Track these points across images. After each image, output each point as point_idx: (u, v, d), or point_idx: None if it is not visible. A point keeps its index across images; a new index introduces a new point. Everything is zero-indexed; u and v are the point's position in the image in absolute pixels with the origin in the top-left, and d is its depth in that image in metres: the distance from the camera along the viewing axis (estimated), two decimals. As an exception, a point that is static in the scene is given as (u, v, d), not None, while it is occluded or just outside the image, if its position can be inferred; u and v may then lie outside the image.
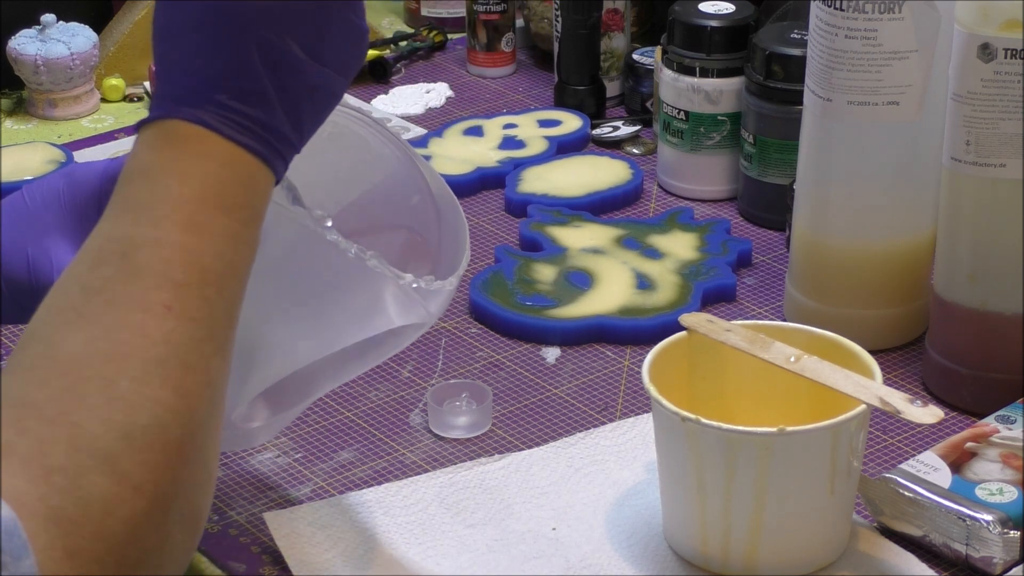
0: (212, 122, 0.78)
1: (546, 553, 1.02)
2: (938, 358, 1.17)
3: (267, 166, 0.79)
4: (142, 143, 0.78)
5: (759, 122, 1.39)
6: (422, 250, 1.02)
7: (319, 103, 0.82)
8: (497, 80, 1.72)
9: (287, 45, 0.79)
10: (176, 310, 0.73)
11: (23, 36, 1.63)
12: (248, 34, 0.78)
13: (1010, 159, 1.09)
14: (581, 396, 1.19)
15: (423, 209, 1.02)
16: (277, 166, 0.80)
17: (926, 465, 1.02)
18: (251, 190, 0.78)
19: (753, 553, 0.98)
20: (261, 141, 0.79)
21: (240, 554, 1.03)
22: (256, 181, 0.79)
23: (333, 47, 0.82)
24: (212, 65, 0.78)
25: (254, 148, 0.78)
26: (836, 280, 1.23)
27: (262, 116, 0.79)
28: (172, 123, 0.78)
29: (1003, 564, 0.99)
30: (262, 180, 0.79)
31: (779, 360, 1.01)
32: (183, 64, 0.79)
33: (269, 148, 0.79)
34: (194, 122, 0.77)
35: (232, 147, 0.78)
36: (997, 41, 1.07)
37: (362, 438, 1.14)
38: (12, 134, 1.62)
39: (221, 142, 0.78)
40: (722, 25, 1.43)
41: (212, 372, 0.74)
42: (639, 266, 1.32)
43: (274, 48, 0.79)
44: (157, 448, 0.70)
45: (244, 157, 0.78)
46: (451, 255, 1.00)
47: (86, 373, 0.71)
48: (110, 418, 0.70)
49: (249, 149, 0.78)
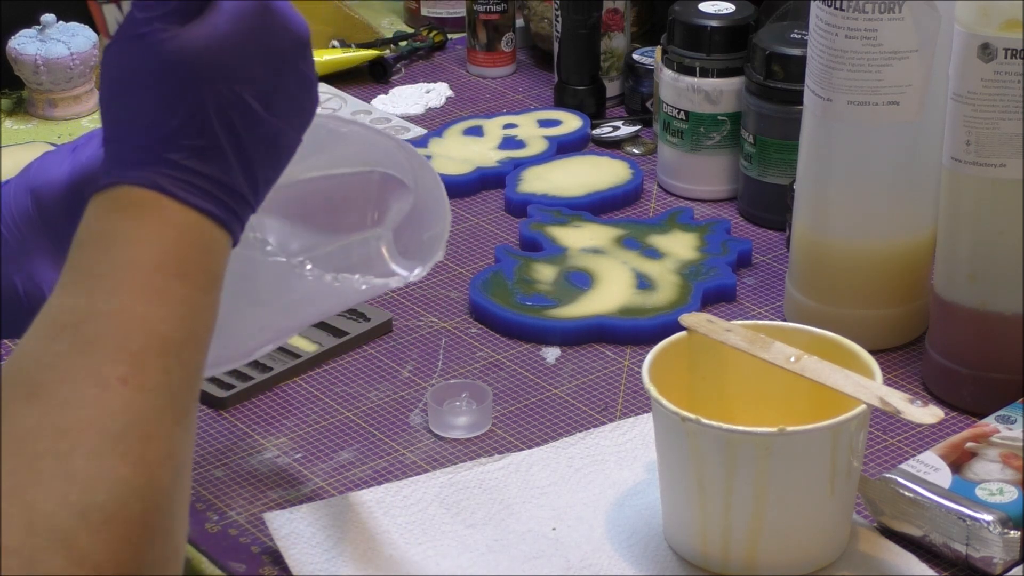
0: (168, 186, 0.75)
1: (546, 553, 1.02)
2: (938, 358, 1.17)
3: (225, 229, 0.77)
4: (95, 209, 0.76)
5: (759, 122, 1.39)
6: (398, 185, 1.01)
7: (274, 158, 0.80)
8: (497, 80, 1.72)
9: (243, 100, 0.77)
10: (132, 382, 0.71)
11: (23, 36, 1.63)
12: (204, 88, 0.76)
13: (1010, 159, 1.09)
14: (581, 396, 1.19)
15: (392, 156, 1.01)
16: (235, 228, 0.78)
17: (926, 465, 1.02)
18: (209, 255, 0.76)
19: (753, 553, 0.98)
20: (218, 204, 0.77)
21: (240, 554, 1.03)
22: (214, 245, 0.77)
23: (287, 98, 0.80)
24: (167, 123, 0.76)
25: (211, 212, 0.76)
26: (836, 280, 1.23)
27: (219, 175, 0.77)
28: (125, 189, 0.75)
29: (1003, 564, 0.99)
30: (220, 244, 0.77)
31: (779, 360, 1.01)
32: (135, 123, 0.76)
33: (226, 210, 0.77)
34: (149, 187, 0.75)
35: (189, 212, 0.76)
36: (997, 41, 1.07)
37: (362, 438, 1.14)
38: (12, 134, 1.62)
39: (177, 207, 0.75)
40: (722, 25, 1.43)
41: (174, 442, 0.72)
42: (639, 266, 1.32)
43: (229, 102, 0.77)
44: (116, 525, 0.68)
45: (201, 222, 0.76)
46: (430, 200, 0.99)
47: (39, 449, 0.68)
48: (65, 497, 0.67)
49: (207, 213, 0.76)
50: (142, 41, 0.76)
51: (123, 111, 0.77)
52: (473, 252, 1.38)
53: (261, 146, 0.79)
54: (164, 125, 0.76)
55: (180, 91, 0.76)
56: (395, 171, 1.01)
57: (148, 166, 0.75)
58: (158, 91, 0.76)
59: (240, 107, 0.77)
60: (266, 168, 0.80)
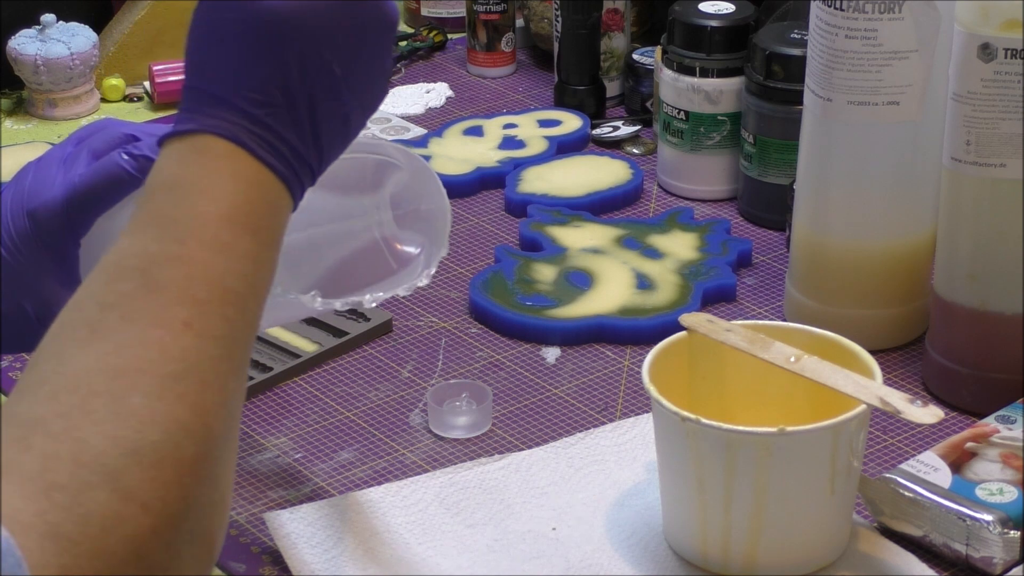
0: (246, 140, 0.76)
1: (546, 553, 1.02)
2: (938, 358, 1.17)
3: (288, 191, 0.78)
4: (169, 156, 0.76)
5: (759, 122, 1.39)
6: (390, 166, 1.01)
7: (342, 135, 0.81)
8: (497, 80, 1.72)
9: (327, 65, 0.78)
10: (196, 327, 0.72)
11: (23, 36, 1.63)
12: (291, 48, 0.77)
13: (1010, 159, 1.09)
14: (581, 396, 1.19)
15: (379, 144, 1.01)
16: (296, 192, 0.79)
17: (926, 465, 1.02)
18: (274, 213, 0.77)
19: (753, 553, 0.98)
20: (288, 166, 0.77)
21: (240, 554, 1.03)
22: (280, 204, 0.78)
23: (365, 78, 0.80)
24: (252, 77, 0.77)
25: (281, 172, 0.77)
26: (836, 280, 1.23)
27: (293, 139, 0.77)
28: (203, 138, 0.76)
29: (1003, 564, 0.99)
30: (284, 204, 0.78)
31: (779, 360, 1.01)
32: (220, 73, 0.77)
33: (293, 174, 0.78)
34: (228, 137, 0.76)
35: (261, 168, 0.76)
36: (997, 41, 1.07)
37: (362, 438, 1.14)
38: (12, 134, 1.62)
39: (251, 162, 0.76)
40: (722, 25, 1.43)
41: (229, 392, 0.72)
42: (639, 266, 1.32)
43: (315, 66, 0.78)
44: (168, 466, 0.68)
45: (272, 180, 0.77)
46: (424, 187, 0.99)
47: (96, 388, 0.69)
48: (117, 434, 0.68)
49: (277, 173, 0.77)
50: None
51: (209, 63, 0.78)
52: (473, 252, 1.38)
53: (335, 120, 0.80)
54: (250, 78, 0.77)
55: (268, 48, 0.77)
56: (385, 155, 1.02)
57: (228, 117, 0.76)
58: (246, 45, 0.77)
59: (323, 74, 0.78)
60: (333, 143, 0.80)
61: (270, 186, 0.77)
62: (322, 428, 1.15)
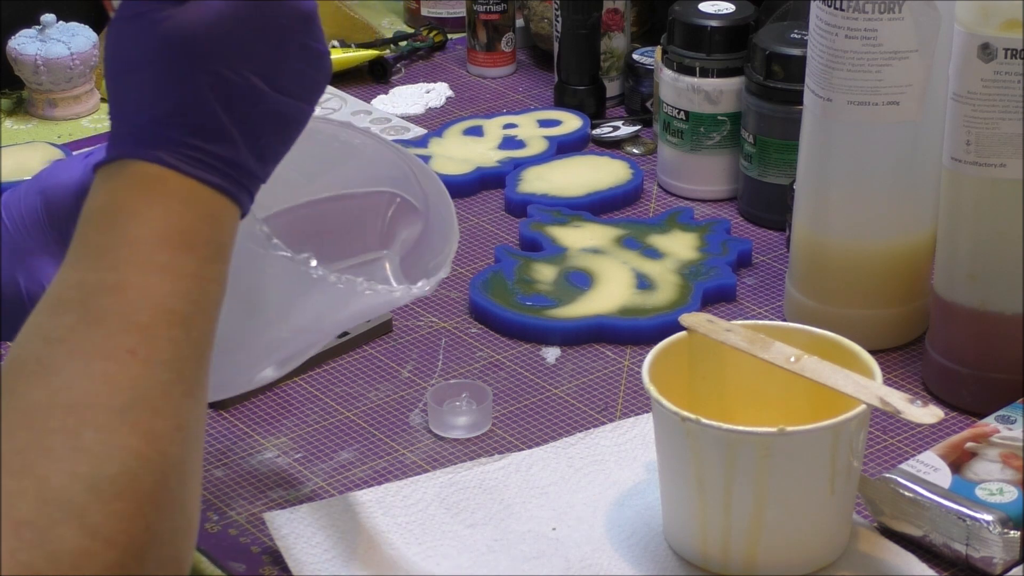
0: (170, 160, 0.76)
1: (546, 553, 1.02)
2: (938, 358, 1.17)
3: (232, 200, 0.77)
4: (100, 185, 0.76)
5: (759, 122, 1.39)
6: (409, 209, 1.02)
7: (282, 132, 0.80)
8: (497, 80, 1.72)
9: (243, 77, 0.78)
10: (141, 354, 0.71)
11: (23, 36, 1.63)
12: (201, 69, 0.76)
13: (1010, 159, 1.09)
14: (581, 396, 1.19)
15: (405, 178, 1.02)
16: (242, 199, 0.78)
17: (926, 465, 1.02)
18: (215, 226, 0.76)
19: (753, 553, 0.98)
20: (223, 176, 0.77)
21: (240, 554, 1.03)
22: (220, 217, 0.77)
23: (292, 74, 0.80)
24: (165, 102, 0.76)
25: (216, 183, 0.77)
26: (836, 280, 1.23)
27: (221, 150, 0.77)
28: (129, 163, 0.76)
29: (1003, 564, 0.99)
30: (227, 215, 0.77)
31: (779, 360, 1.01)
32: (137, 101, 0.77)
33: (232, 182, 0.77)
34: (152, 161, 0.76)
35: (193, 184, 0.76)
36: (997, 41, 1.07)
37: (362, 438, 1.14)
38: (12, 134, 1.62)
39: (181, 179, 0.76)
40: (722, 25, 1.43)
41: (183, 415, 0.72)
42: (639, 266, 1.32)
43: (229, 82, 0.77)
44: (127, 498, 0.68)
45: (206, 193, 0.76)
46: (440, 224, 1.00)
47: (49, 425, 0.69)
48: (76, 470, 0.68)
49: (211, 185, 0.76)
50: (139, 21, 0.77)
51: (123, 90, 0.78)
52: (473, 252, 1.38)
53: (267, 121, 0.79)
54: (162, 104, 0.76)
55: (176, 71, 0.76)
56: (407, 193, 1.02)
57: (151, 143, 0.76)
58: (155, 71, 0.76)
59: (240, 85, 0.78)
60: (274, 141, 0.80)
61: (207, 200, 0.76)
62: (322, 428, 1.15)
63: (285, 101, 0.80)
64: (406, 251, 1.02)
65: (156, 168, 0.76)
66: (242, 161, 0.78)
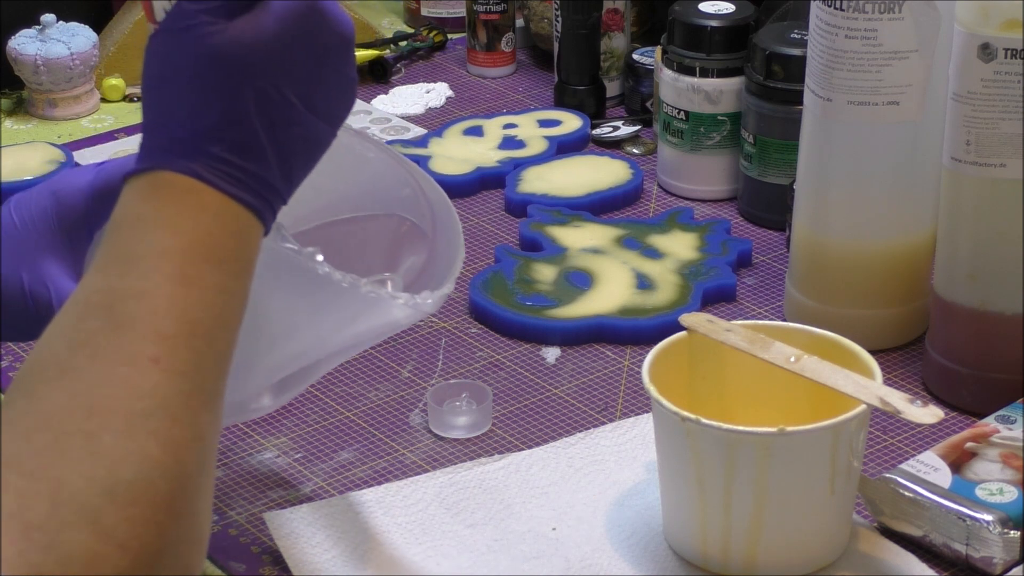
0: (206, 174, 0.76)
1: (546, 553, 1.02)
2: (938, 358, 1.17)
3: (258, 218, 0.78)
4: (131, 193, 0.76)
5: (759, 122, 1.39)
6: (417, 235, 1.02)
7: (309, 153, 0.81)
8: (497, 80, 1.72)
9: (284, 97, 0.78)
10: (163, 363, 0.72)
11: (23, 36, 1.63)
12: (246, 84, 0.77)
13: (1010, 159, 1.09)
14: (581, 396, 1.19)
15: (414, 200, 1.02)
16: (267, 218, 0.79)
17: (926, 465, 1.02)
18: (242, 242, 0.77)
19: (753, 553, 0.98)
20: (254, 194, 0.77)
21: (240, 554, 1.03)
22: (247, 234, 0.77)
23: (326, 98, 0.80)
24: (207, 116, 0.76)
25: (247, 201, 0.77)
26: (836, 280, 1.23)
27: (256, 169, 0.77)
28: (163, 174, 0.76)
29: (1003, 564, 0.99)
30: (253, 232, 0.78)
31: (779, 360, 1.01)
32: (176, 114, 0.77)
33: (262, 200, 0.78)
34: (187, 174, 0.76)
35: (225, 200, 0.76)
36: (997, 41, 1.07)
37: (362, 438, 1.14)
38: (12, 134, 1.62)
39: (214, 194, 0.76)
40: (722, 25, 1.43)
41: (201, 426, 0.72)
42: (639, 266, 1.32)
43: (271, 99, 0.77)
44: (143, 503, 0.68)
45: (236, 210, 0.77)
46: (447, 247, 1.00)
47: (68, 428, 0.69)
48: (92, 474, 0.68)
49: (242, 202, 0.77)
50: (189, 34, 0.77)
51: (164, 101, 0.78)
52: (473, 252, 1.38)
53: (299, 142, 0.80)
54: (204, 118, 0.77)
55: (222, 86, 0.76)
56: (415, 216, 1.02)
57: (187, 155, 0.76)
58: (201, 84, 0.77)
59: (281, 105, 0.78)
60: (301, 163, 0.81)
61: (235, 216, 0.77)
62: (322, 428, 1.15)
63: (317, 123, 0.80)
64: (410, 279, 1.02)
65: (191, 181, 0.76)
66: (272, 180, 0.78)
